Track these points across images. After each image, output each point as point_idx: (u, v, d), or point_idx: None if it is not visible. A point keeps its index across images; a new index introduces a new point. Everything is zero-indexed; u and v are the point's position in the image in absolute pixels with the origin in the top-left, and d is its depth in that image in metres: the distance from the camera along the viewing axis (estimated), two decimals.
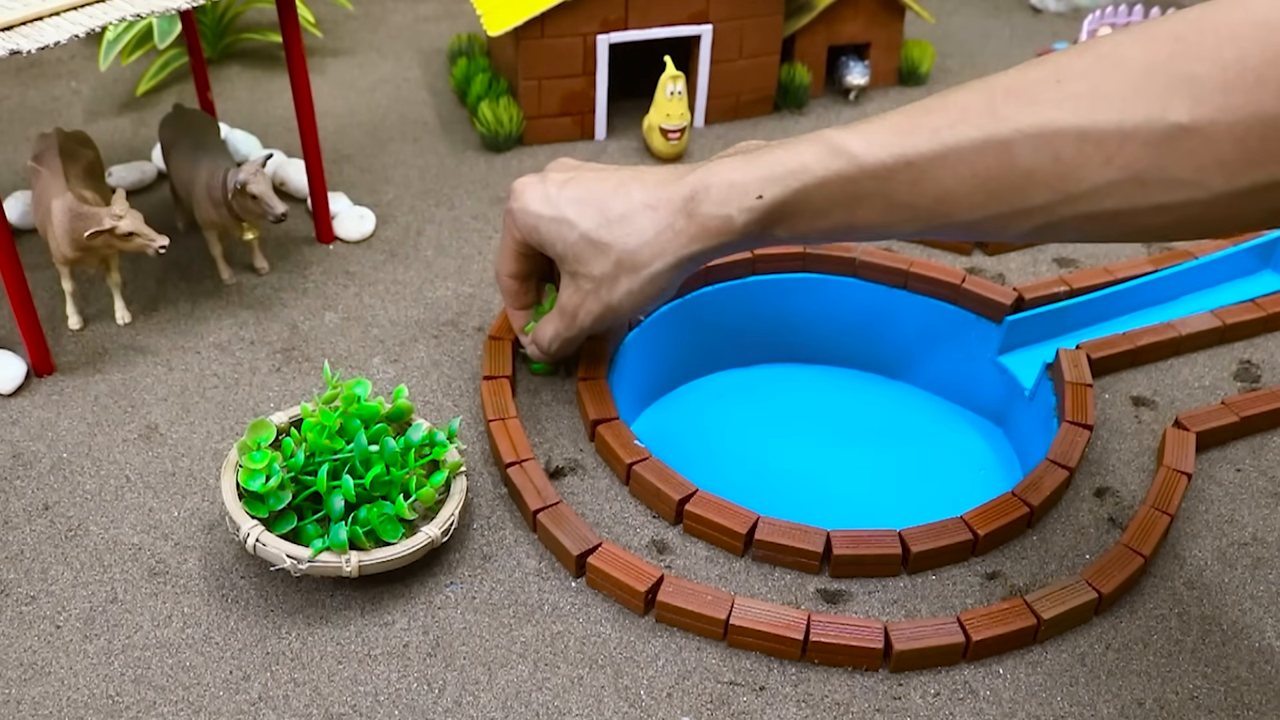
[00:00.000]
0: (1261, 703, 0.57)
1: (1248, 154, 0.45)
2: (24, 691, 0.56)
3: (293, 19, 0.80)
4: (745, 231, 0.59)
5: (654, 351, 0.81)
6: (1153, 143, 0.47)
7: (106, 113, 1.08)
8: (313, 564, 0.58)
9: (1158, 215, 0.48)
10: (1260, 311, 0.81)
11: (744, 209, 0.59)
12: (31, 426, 0.71)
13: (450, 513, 0.62)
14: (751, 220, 0.59)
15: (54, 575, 0.62)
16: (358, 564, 0.58)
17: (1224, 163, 0.46)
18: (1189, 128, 0.46)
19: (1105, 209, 0.49)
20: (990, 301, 0.80)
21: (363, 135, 1.04)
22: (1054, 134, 0.49)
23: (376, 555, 0.59)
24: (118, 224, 0.72)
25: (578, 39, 0.98)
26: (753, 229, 0.59)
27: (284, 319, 0.81)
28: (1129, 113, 0.47)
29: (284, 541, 0.59)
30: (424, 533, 0.60)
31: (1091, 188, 0.49)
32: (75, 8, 0.68)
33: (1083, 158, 0.48)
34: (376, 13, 1.31)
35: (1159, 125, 0.46)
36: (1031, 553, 0.65)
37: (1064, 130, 0.48)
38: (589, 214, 0.63)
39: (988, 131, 0.51)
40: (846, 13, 1.10)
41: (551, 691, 0.56)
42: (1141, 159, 0.47)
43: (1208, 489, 0.69)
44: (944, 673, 0.58)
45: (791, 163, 0.57)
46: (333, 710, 0.55)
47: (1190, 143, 0.46)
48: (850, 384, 0.87)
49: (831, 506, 0.77)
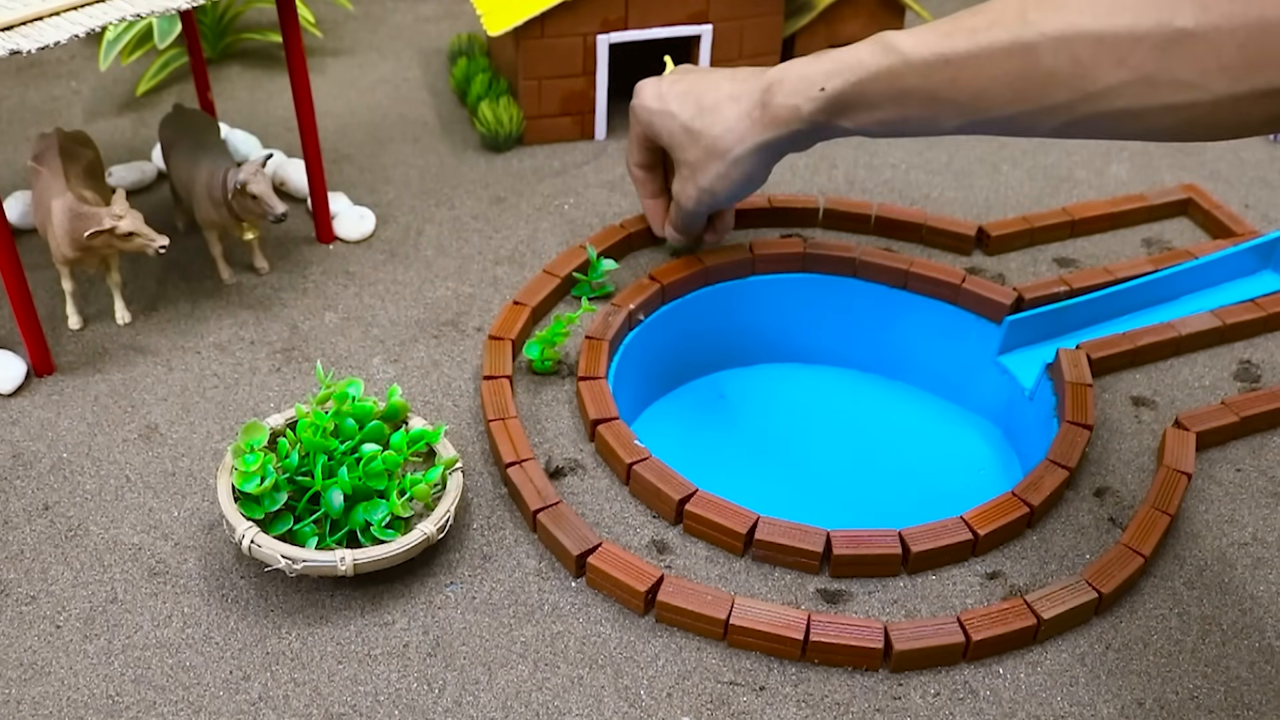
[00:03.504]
0: (1261, 703, 0.57)
1: (1248, 59, 0.48)
2: (24, 691, 0.56)
3: (293, 19, 0.80)
4: (812, 120, 0.66)
5: (654, 351, 0.81)
6: (1161, 46, 0.51)
7: (106, 113, 1.08)
8: (307, 564, 0.58)
9: (1167, 115, 0.52)
10: (1260, 311, 0.81)
11: (810, 99, 0.66)
12: (31, 426, 0.71)
13: (446, 509, 0.62)
14: (816, 110, 0.66)
15: (54, 575, 0.62)
16: (352, 563, 0.58)
17: (1226, 67, 0.49)
18: (1194, 32, 0.49)
19: (1119, 108, 0.54)
20: (990, 301, 0.80)
21: (363, 135, 1.04)
22: (1074, 37, 0.54)
23: (372, 553, 0.59)
24: (118, 224, 0.72)
25: (578, 39, 0.98)
26: (818, 117, 0.66)
27: (284, 319, 0.81)
28: (1141, 18, 0.51)
29: (278, 542, 0.59)
30: (419, 530, 0.60)
31: (1106, 87, 0.53)
32: (75, 8, 0.68)
33: (1098, 60, 0.53)
34: (376, 13, 1.31)
35: (1167, 30, 0.50)
36: (1031, 553, 0.65)
37: (1083, 34, 0.53)
38: (688, 106, 0.72)
39: (1016, 34, 0.56)
40: (846, 13, 1.10)
41: (551, 691, 0.56)
42: (1150, 61, 0.51)
43: (1208, 489, 0.69)
44: (944, 673, 0.58)
45: (851, 59, 0.64)
46: (333, 710, 0.55)
47: (1195, 47, 0.50)
48: (850, 384, 0.87)
49: (831, 506, 0.77)
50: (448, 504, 0.62)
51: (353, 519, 0.61)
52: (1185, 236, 0.91)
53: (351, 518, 0.61)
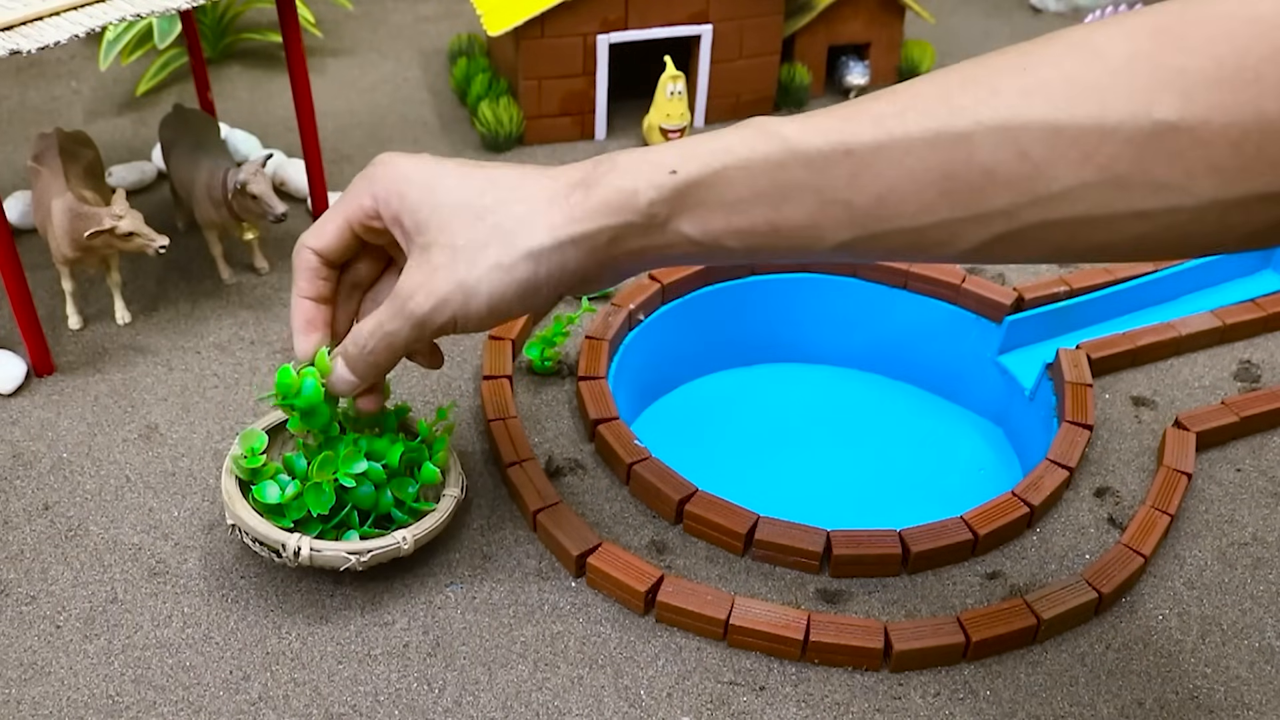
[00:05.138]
0: (1261, 703, 0.57)
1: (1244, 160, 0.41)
2: (24, 691, 0.56)
3: (293, 19, 0.80)
4: (650, 212, 0.49)
5: (654, 351, 0.81)
6: (1137, 141, 0.42)
7: (106, 113, 1.08)
8: (374, 554, 0.58)
9: (1137, 223, 0.43)
10: (1260, 311, 0.81)
11: (652, 184, 0.49)
12: (31, 426, 0.71)
13: (457, 473, 0.63)
14: (659, 199, 0.49)
15: (54, 575, 0.62)
16: (413, 539, 0.59)
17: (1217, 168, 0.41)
18: (1178, 126, 0.41)
19: (1078, 214, 0.44)
20: (990, 301, 0.80)
21: (363, 135, 1.04)
22: (1021, 128, 0.43)
23: (424, 525, 0.60)
24: (118, 224, 0.72)
25: (578, 39, 0.98)
26: (659, 209, 0.49)
27: (284, 319, 0.81)
28: (1109, 107, 0.42)
29: (336, 544, 0.59)
30: (449, 495, 0.62)
31: (1064, 189, 0.43)
32: (75, 8, 0.68)
33: (1055, 155, 0.43)
34: (376, 13, 1.31)
35: (1144, 122, 0.41)
36: (1031, 553, 0.65)
37: (1032, 124, 0.43)
38: (474, 181, 0.53)
39: (942, 121, 0.44)
40: (846, 12, 1.10)
41: (551, 691, 0.56)
42: (1123, 159, 0.42)
43: (1208, 489, 0.69)
44: (944, 673, 0.58)
45: (715, 144, 0.49)
46: (333, 710, 0.55)
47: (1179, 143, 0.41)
48: (850, 384, 0.87)
49: (831, 506, 0.77)
50: (456, 468, 0.63)
51: (382, 502, 0.61)
52: None
53: (381, 501, 0.61)
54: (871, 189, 0.46)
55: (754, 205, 0.48)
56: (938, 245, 0.46)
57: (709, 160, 0.48)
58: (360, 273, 0.59)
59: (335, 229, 0.56)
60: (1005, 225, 0.45)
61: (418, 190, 0.53)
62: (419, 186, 0.53)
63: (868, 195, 0.46)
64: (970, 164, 0.44)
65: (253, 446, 0.61)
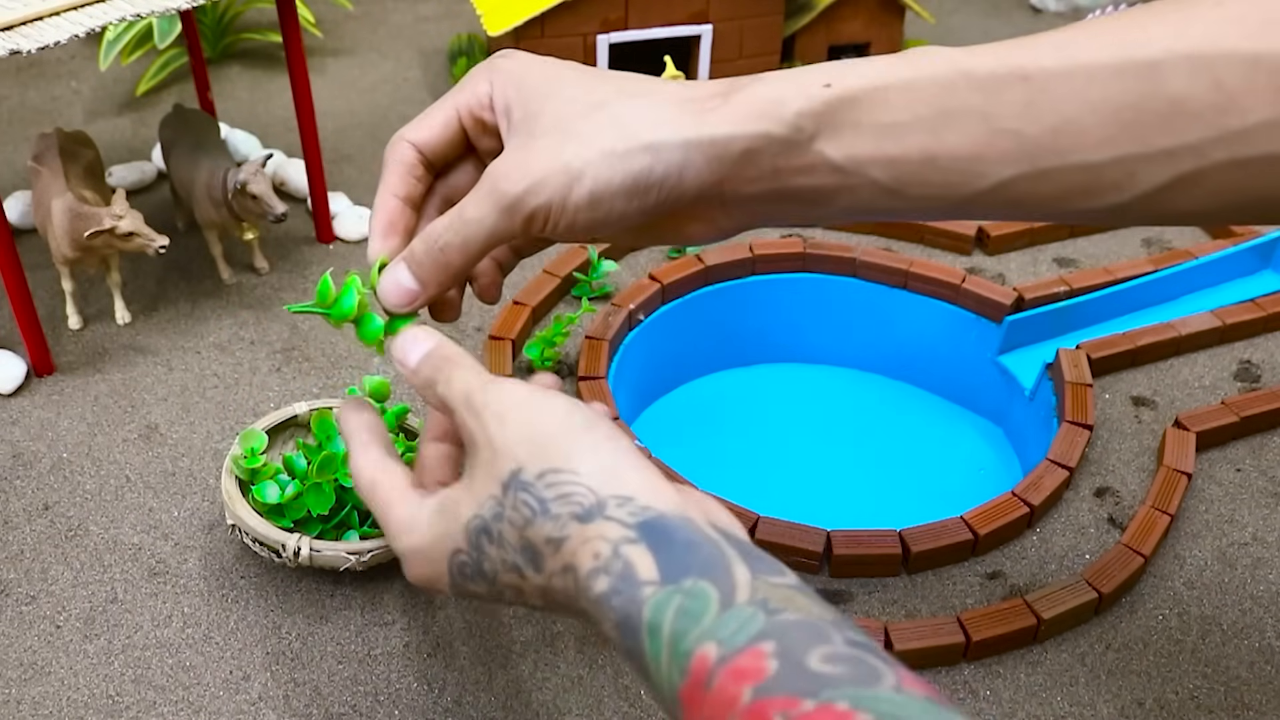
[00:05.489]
0: (1261, 703, 0.57)
1: None
2: (24, 691, 0.56)
3: (293, 19, 0.80)
4: (795, 124, 0.44)
5: (654, 351, 0.81)
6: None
7: (106, 113, 1.08)
8: (374, 553, 0.58)
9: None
10: (1260, 311, 0.81)
11: (803, 93, 0.44)
12: (31, 426, 0.71)
13: None
14: (807, 110, 0.44)
15: (54, 575, 0.62)
16: None
17: None
18: None
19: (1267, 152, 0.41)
20: (990, 301, 0.80)
21: (363, 135, 1.04)
22: (1217, 56, 0.40)
23: None
24: (118, 224, 0.72)
25: (578, 39, 0.98)
26: (805, 122, 0.44)
27: (284, 319, 0.81)
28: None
29: (336, 544, 0.58)
30: None
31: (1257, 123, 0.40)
32: (75, 8, 0.68)
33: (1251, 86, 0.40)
34: (376, 13, 1.31)
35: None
36: (1031, 553, 0.65)
37: (1231, 53, 0.40)
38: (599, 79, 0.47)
39: (1130, 50, 0.41)
40: (846, 12, 1.10)
41: (551, 691, 0.56)
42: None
43: (1208, 489, 0.69)
44: (944, 673, 0.58)
45: (876, 63, 0.45)
46: (333, 710, 0.55)
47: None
48: (850, 384, 0.87)
49: (831, 506, 0.77)
50: None
51: None
52: (1185, 236, 0.91)
53: None
54: (1047, 119, 0.42)
55: (911, 130, 0.44)
56: (1112, 187, 0.43)
57: (870, 77, 0.44)
58: (455, 183, 0.52)
59: (443, 118, 0.50)
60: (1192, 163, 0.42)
61: (537, 79, 0.47)
62: (539, 77, 0.47)
63: (1042, 125, 0.42)
64: (1158, 94, 0.41)
65: (253, 447, 0.61)
